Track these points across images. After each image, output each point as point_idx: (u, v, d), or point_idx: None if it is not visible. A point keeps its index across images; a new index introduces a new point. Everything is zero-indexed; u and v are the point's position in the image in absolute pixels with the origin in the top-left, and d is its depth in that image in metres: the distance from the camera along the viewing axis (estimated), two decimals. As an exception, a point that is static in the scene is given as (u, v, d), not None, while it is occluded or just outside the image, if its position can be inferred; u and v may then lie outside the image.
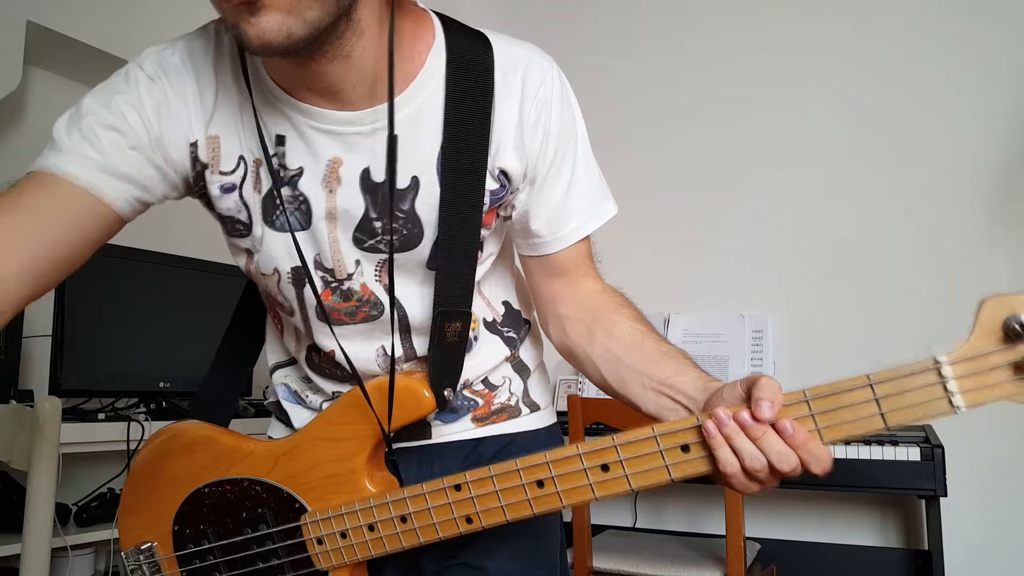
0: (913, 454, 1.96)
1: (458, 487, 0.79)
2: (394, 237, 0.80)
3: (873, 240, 2.51)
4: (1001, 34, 2.40)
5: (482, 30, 0.82)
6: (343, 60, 0.74)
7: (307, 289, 0.83)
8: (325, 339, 0.86)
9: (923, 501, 2.13)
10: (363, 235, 0.81)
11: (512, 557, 0.91)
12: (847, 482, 2.02)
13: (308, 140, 0.78)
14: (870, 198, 2.52)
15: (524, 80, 0.80)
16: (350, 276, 0.82)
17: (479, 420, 0.92)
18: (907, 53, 2.52)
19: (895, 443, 1.99)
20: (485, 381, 0.92)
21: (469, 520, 0.79)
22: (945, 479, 1.93)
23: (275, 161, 0.79)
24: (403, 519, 0.82)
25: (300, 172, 0.79)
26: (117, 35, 2.21)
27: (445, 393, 0.83)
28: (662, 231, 2.77)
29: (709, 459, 0.69)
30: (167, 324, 2.21)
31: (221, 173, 0.81)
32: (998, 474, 2.26)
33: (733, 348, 2.49)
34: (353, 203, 0.79)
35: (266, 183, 0.80)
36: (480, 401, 0.91)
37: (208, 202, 0.84)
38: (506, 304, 0.94)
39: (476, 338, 0.89)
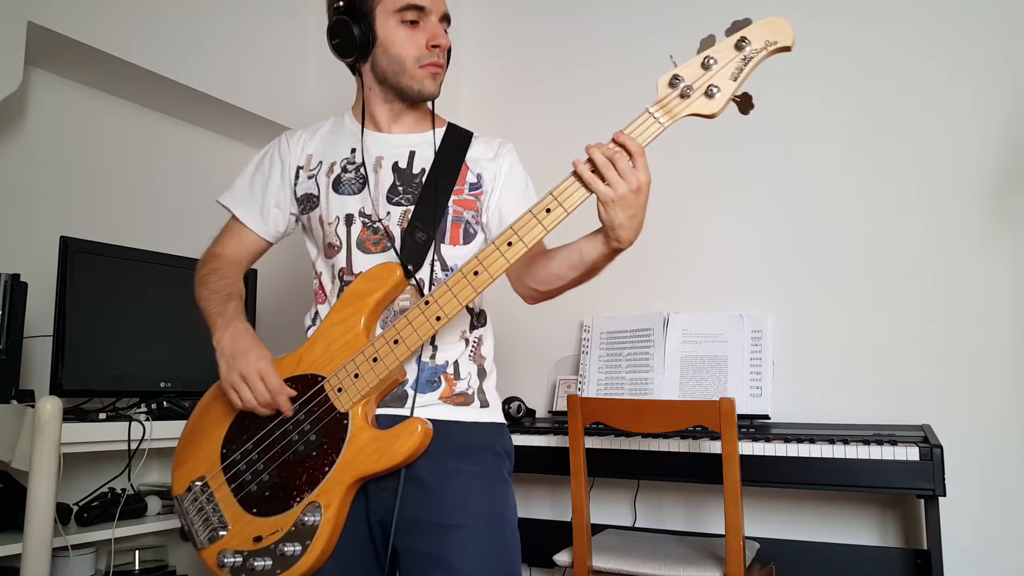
0: (912, 454, 1.96)
1: (427, 302, 1.18)
2: (408, 195, 1.34)
3: (872, 240, 2.51)
4: (1000, 32, 2.40)
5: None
6: (418, 109, 1.40)
7: (354, 226, 1.33)
8: (357, 262, 1.32)
9: (922, 501, 2.14)
10: (392, 194, 1.34)
11: (474, 517, 1.22)
12: (846, 482, 2.02)
13: (369, 150, 1.38)
14: (869, 198, 2.53)
15: (495, 141, 1.44)
16: (380, 220, 1.32)
17: (444, 400, 1.29)
18: (906, 51, 2.52)
19: (894, 443, 1.99)
20: (455, 369, 1.31)
21: (438, 318, 1.17)
22: (944, 479, 1.93)
23: (347, 160, 1.38)
24: (395, 342, 1.19)
25: (363, 163, 1.36)
26: (118, 36, 2.21)
27: (409, 267, 1.27)
28: (661, 231, 2.77)
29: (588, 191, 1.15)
30: (167, 324, 2.21)
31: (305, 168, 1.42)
32: (997, 474, 2.27)
33: (732, 348, 2.49)
34: (387, 179, 1.35)
35: (336, 171, 1.37)
36: (445, 384, 1.30)
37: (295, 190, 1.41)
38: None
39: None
